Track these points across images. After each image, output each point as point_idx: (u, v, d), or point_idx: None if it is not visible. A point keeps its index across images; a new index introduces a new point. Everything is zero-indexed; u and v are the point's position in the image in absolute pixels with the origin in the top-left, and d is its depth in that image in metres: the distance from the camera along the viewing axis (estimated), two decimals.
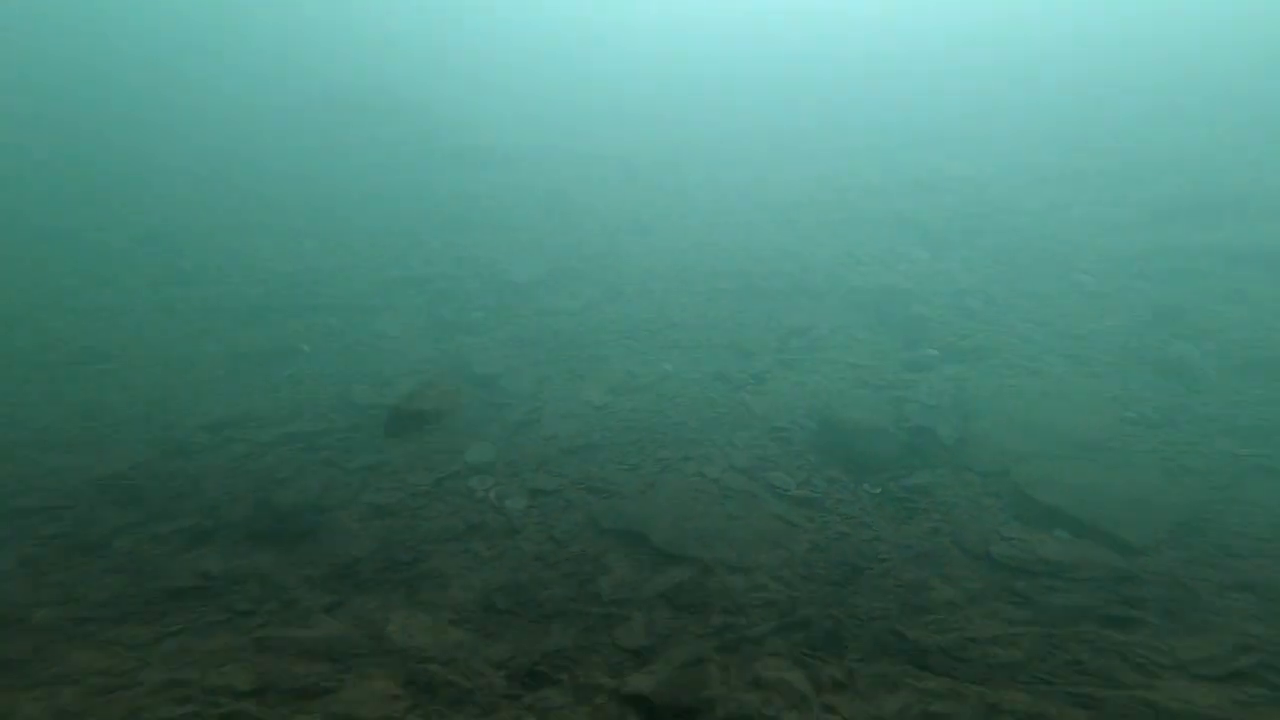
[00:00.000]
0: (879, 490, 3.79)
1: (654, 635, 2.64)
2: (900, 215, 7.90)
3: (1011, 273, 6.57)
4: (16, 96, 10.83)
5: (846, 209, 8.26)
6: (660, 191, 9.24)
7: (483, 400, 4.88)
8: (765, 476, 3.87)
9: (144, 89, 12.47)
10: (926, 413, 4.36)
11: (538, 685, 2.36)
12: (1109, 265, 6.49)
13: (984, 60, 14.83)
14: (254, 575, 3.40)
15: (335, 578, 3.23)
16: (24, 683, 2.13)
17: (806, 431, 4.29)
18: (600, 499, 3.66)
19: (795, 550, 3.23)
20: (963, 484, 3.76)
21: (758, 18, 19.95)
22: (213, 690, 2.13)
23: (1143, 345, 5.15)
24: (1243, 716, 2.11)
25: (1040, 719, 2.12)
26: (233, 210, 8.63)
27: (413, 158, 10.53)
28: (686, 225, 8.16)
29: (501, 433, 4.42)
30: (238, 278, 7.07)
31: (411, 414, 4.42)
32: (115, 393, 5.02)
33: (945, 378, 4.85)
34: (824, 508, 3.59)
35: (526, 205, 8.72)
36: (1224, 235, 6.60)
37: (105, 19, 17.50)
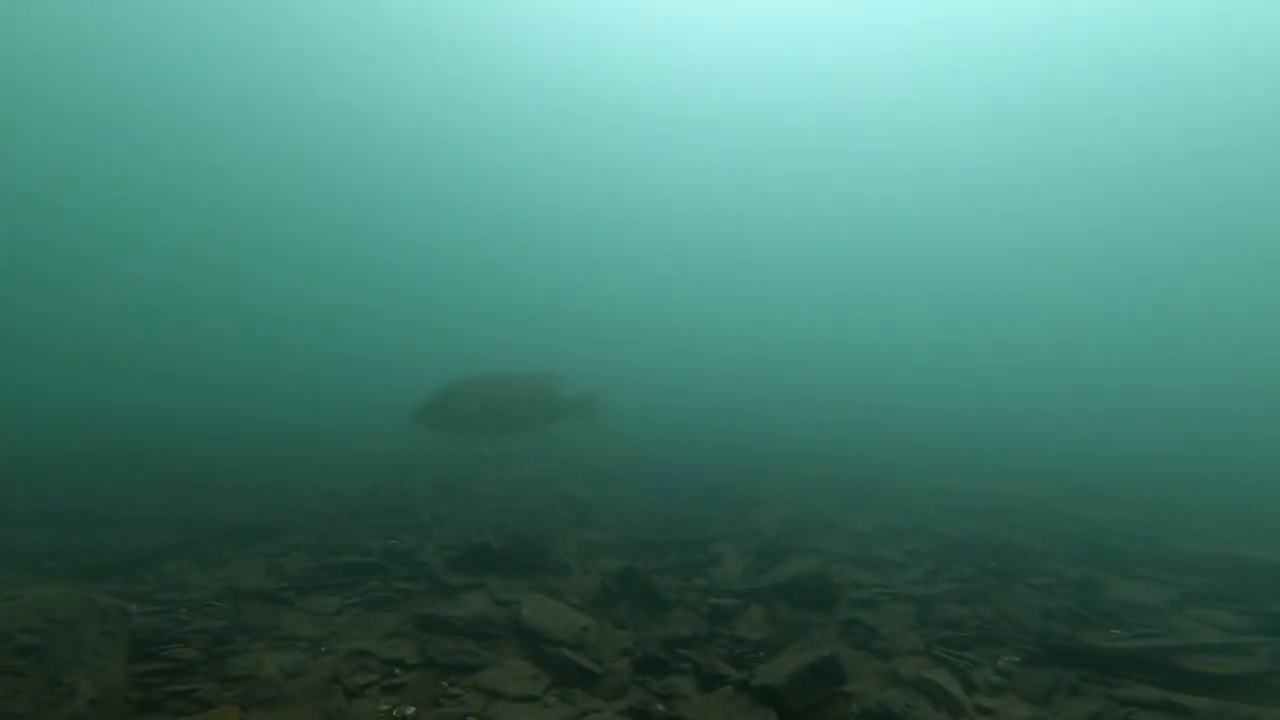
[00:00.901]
0: None
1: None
2: None
3: None
4: None
5: None
6: None
7: None
8: None
9: None
10: None
11: (662, 673, 2.50)
12: None
13: None
14: (403, 555, 3.92)
15: (469, 559, 3.61)
16: (261, 643, 2.62)
17: None
18: None
19: None
20: None
21: None
22: (389, 662, 2.49)
23: None
24: None
25: None
26: None
27: None
28: None
29: None
30: None
31: None
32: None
33: None
34: None
35: None
36: None
37: None
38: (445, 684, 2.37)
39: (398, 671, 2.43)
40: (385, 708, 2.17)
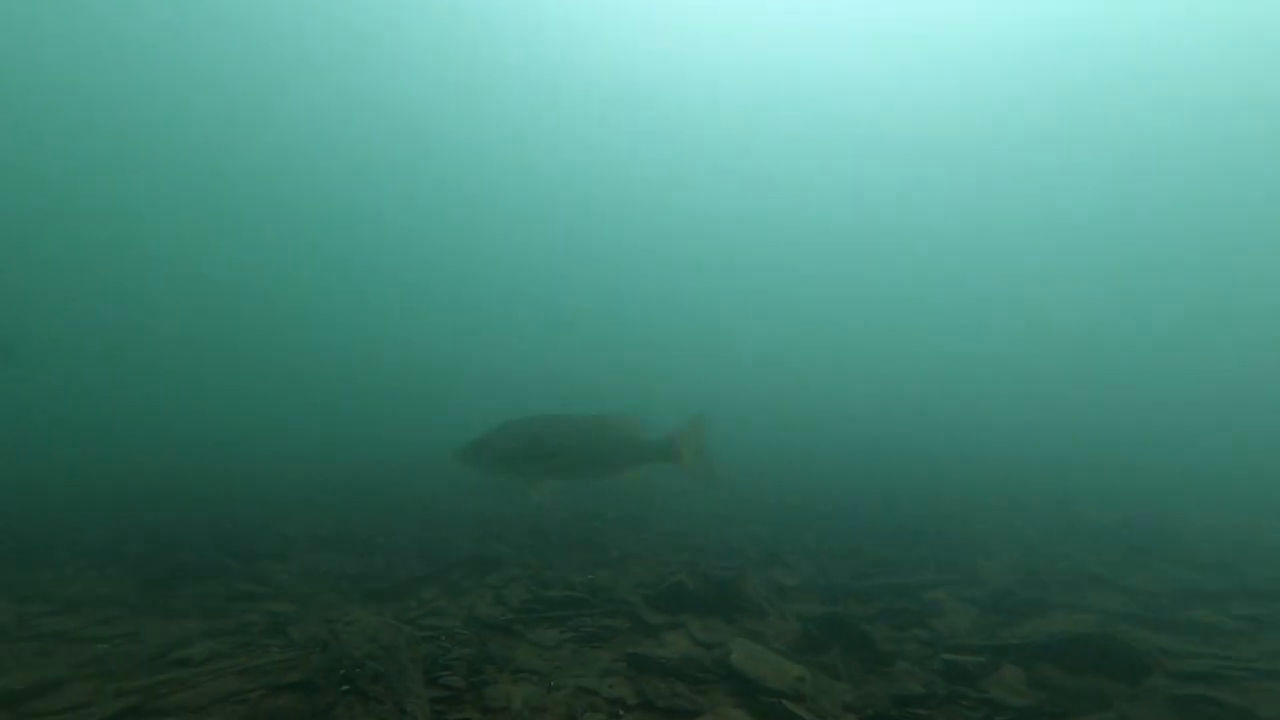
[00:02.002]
0: None
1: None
2: None
3: None
4: None
5: None
6: None
7: None
8: None
9: None
10: None
11: None
12: None
13: None
14: (603, 590, 4.18)
15: (665, 598, 3.73)
16: (505, 674, 2.98)
17: None
18: None
19: None
20: None
21: None
22: (612, 702, 2.64)
23: None
24: None
25: None
26: None
27: None
28: None
29: None
30: None
31: None
32: None
33: None
34: None
35: None
36: None
37: None
38: None
39: (621, 712, 2.57)
40: None
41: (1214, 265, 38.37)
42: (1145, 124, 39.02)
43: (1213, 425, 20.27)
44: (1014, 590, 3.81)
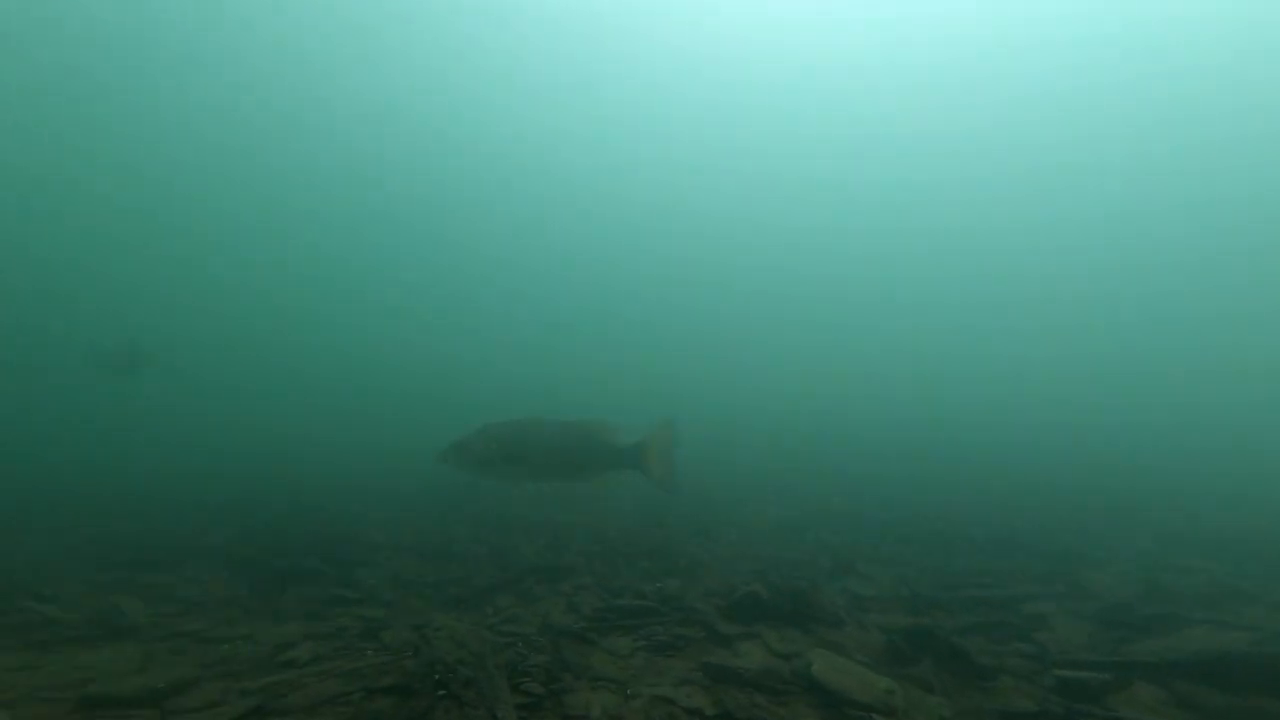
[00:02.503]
0: None
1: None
2: None
3: None
4: None
5: None
6: None
7: None
8: None
9: None
10: None
11: None
12: None
13: None
14: (673, 599, 4.17)
15: (738, 608, 3.67)
16: (582, 682, 3.02)
17: None
18: None
19: None
20: None
21: None
22: (690, 711, 2.63)
23: None
24: None
25: None
26: None
27: None
28: None
29: None
30: None
31: None
32: None
33: None
34: None
35: None
36: None
37: None
38: None
39: None
40: None
41: (1242, 262, 36.63)
42: (1150, 124, 38.91)
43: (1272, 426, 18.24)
44: (1133, 604, 3.49)
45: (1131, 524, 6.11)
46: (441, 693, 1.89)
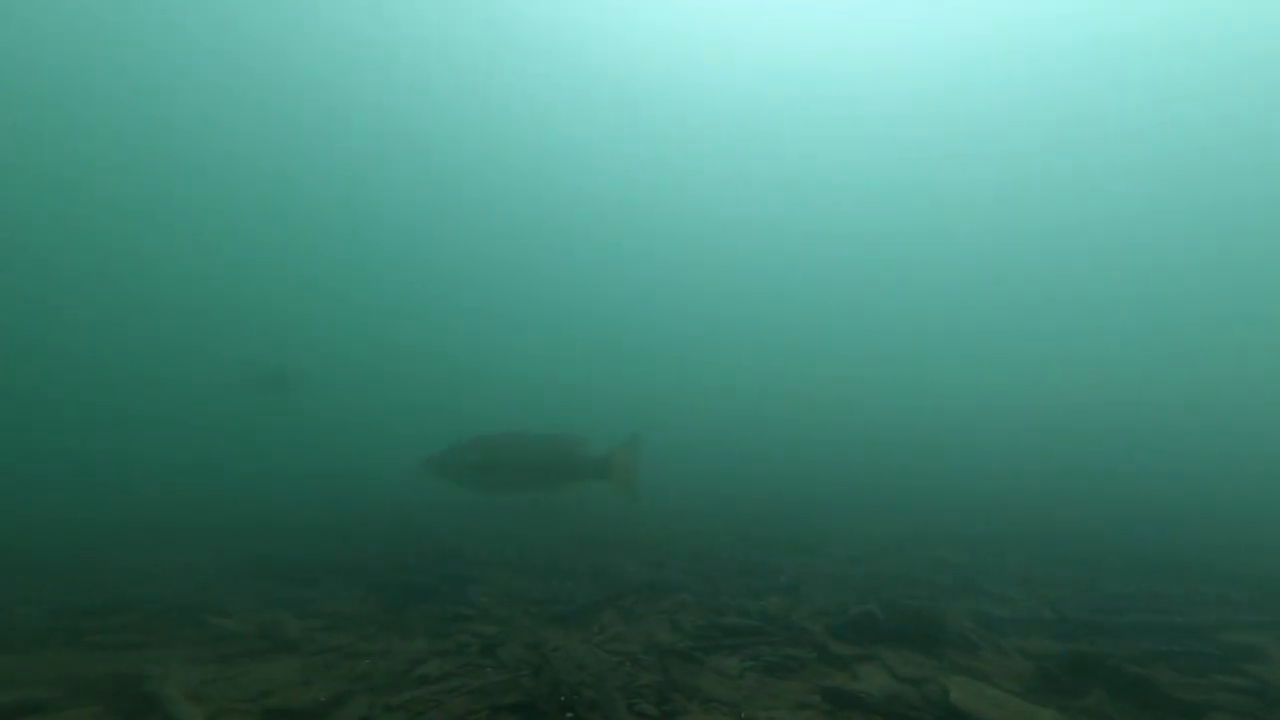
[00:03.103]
0: None
1: None
2: None
3: None
4: None
5: None
6: None
7: None
8: None
9: None
10: None
11: None
12: None
13: None
14: (778, 618, 4.03)
15: (851, 628, 3.47)
16: (694, 703, 2.98)
17: None
18: None
19: None
20: None
21: None
22: None
23: None
24: None
25: None
26: None
27: None
28: None
29: None
30: None
31: None
32: None
33: None
34: None
35: None
36: None
37: None
38: None
39: None
40: None
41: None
42: (1156, 124, 37.95)
43: None
44: None
45: None
46: (570, 715, 1.93)
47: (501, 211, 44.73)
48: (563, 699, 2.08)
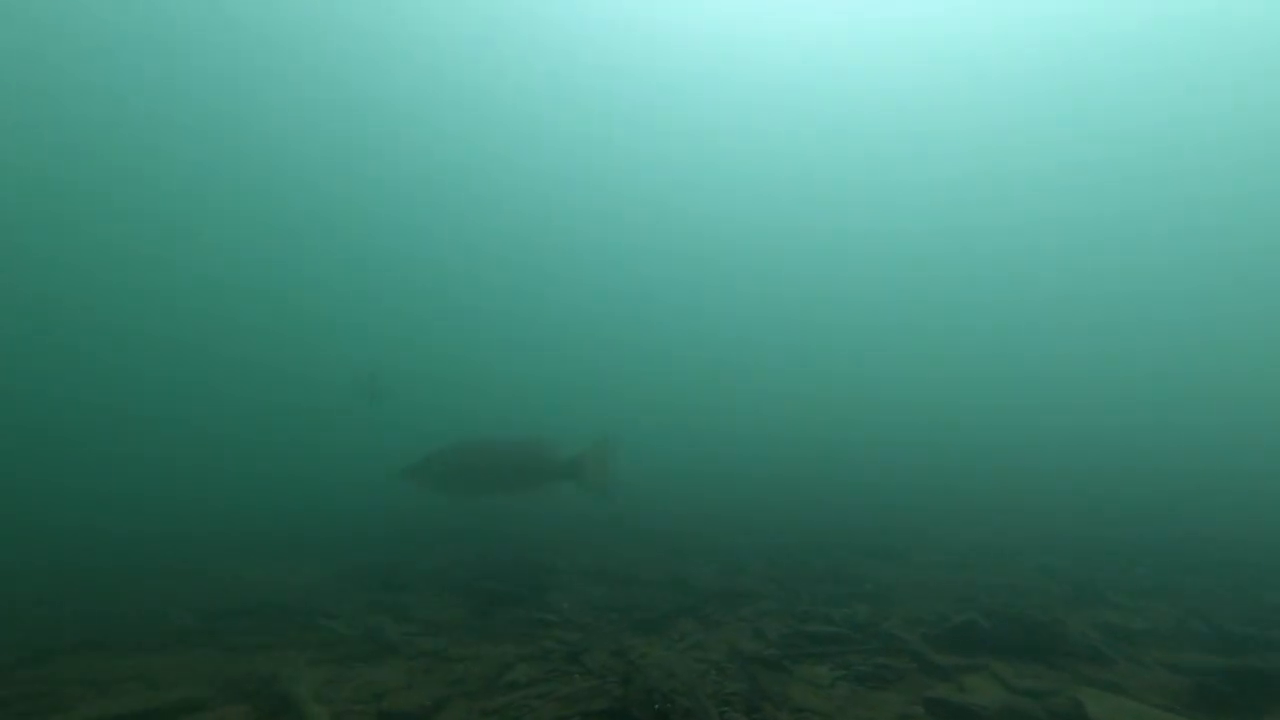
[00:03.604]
0: None
1: None
2: None
3: None
4: None
5: None
6: None
7: None
8: None
9: None
10: None
11: None
12: None
13: None
14: (866, 625, 3.80)
15: (952, 637, 3.21)
16: (783, 712, 2.85)
17: None
18: None
19: None
20: None
21: None
22: None
23: None
24: None
25: None
26: None
27: None
28: None
29: None
30: None
31: None
32: None
33: None
34: None
35: None
36: None
37: None
38: None
39: None
40: None
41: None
42: (1157, 121, 37.13)
43: None
44: None
45: None
46: None
47: (503, 212, 43.06)
48: (656, 707, 2.03)
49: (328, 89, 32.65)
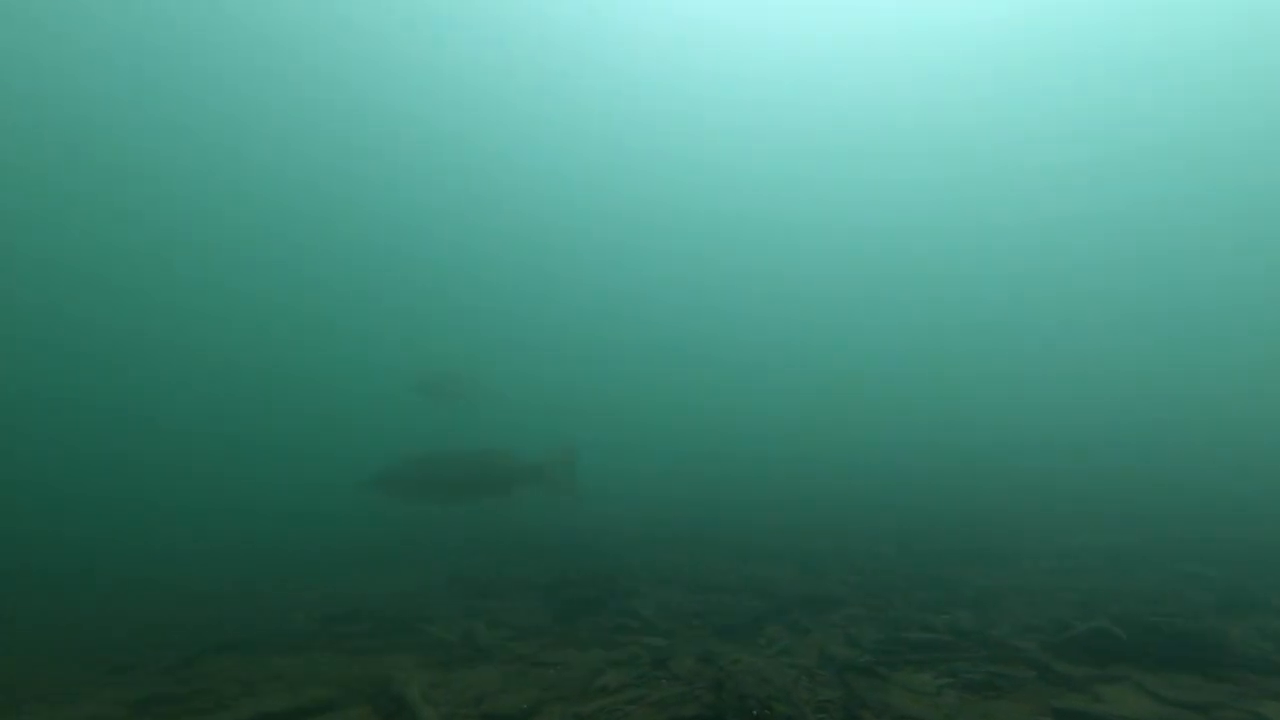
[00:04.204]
0: None
1: None
2: None
3: None
4: None
5: None
6: None
7: None
8: None
9: None
10: None
11: None
12: None
13: None
14: (971, 633, 3.46)
15: (1080, 646, 2.85)
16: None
17: None
18: None
19: None
20: None
21: None
22: None
23: None
24: None
25: None
26: None
27: None
28: None
29: None
30: None
31: None
32: None
33: None
34: None
35: None
36: None
37: None
38: None
39: None
40: None
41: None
42: (1158, 120, 35.58)
43: None
44: None
45: None
46: None
47: (507, 213, 40.76)
48: (755, 713, 1.92)
49: (344, 91, 31.66)
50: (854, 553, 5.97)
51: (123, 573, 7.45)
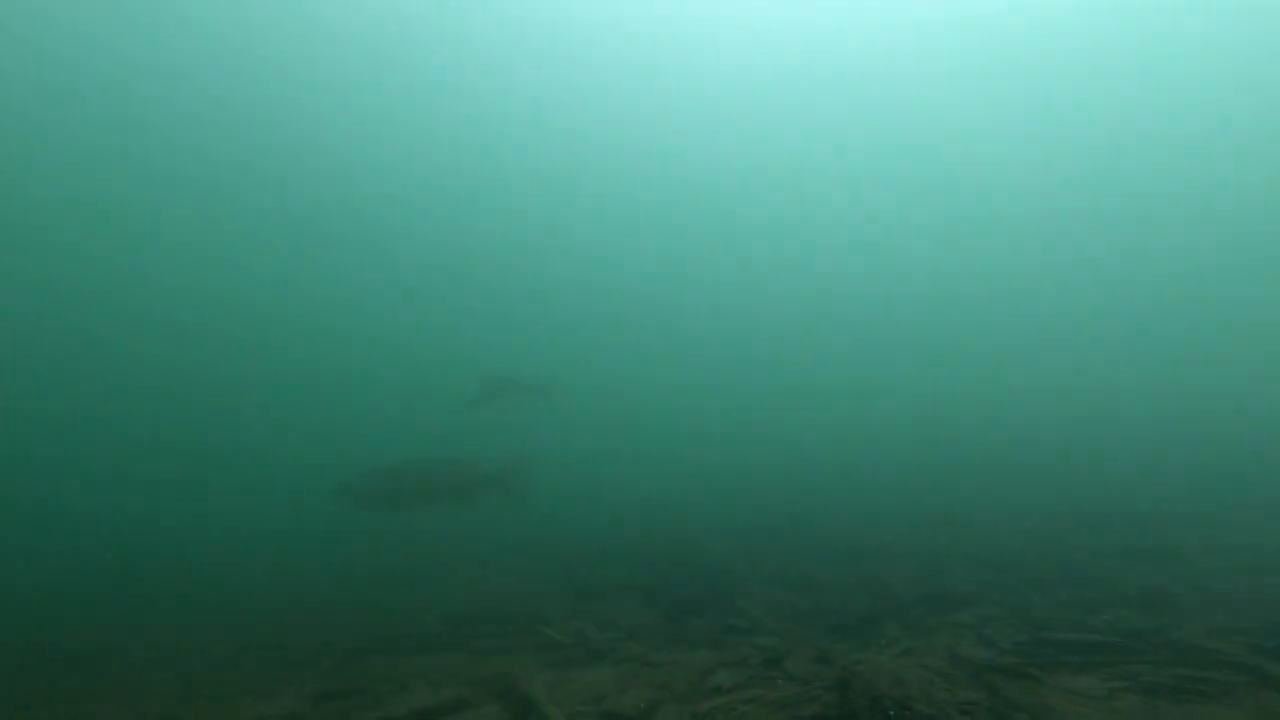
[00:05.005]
0: None
1: None
2: None
3: None
4: None
5: None
6: None
7: None
8: None
9: None
10: None
11: None
12: None
13: None
14: (1142, 634, 2.91)
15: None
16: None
17: None
18: None
19: None
20: None
21: None
22: None
23: None
24: None
25: None
26: None
27: None
28: None
29: None
30: None
31: None
32: None
33: None
34: None
35: None
36: None
37: None
38: None
39: None
40: None
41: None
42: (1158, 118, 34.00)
43: None
44: None
45: None
46: None
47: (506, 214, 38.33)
48: (892, 714, 1.71)
49: (359, 95, 30.97)
50: (977, 550, 5.35)
51: (270, 587, 7.77)
